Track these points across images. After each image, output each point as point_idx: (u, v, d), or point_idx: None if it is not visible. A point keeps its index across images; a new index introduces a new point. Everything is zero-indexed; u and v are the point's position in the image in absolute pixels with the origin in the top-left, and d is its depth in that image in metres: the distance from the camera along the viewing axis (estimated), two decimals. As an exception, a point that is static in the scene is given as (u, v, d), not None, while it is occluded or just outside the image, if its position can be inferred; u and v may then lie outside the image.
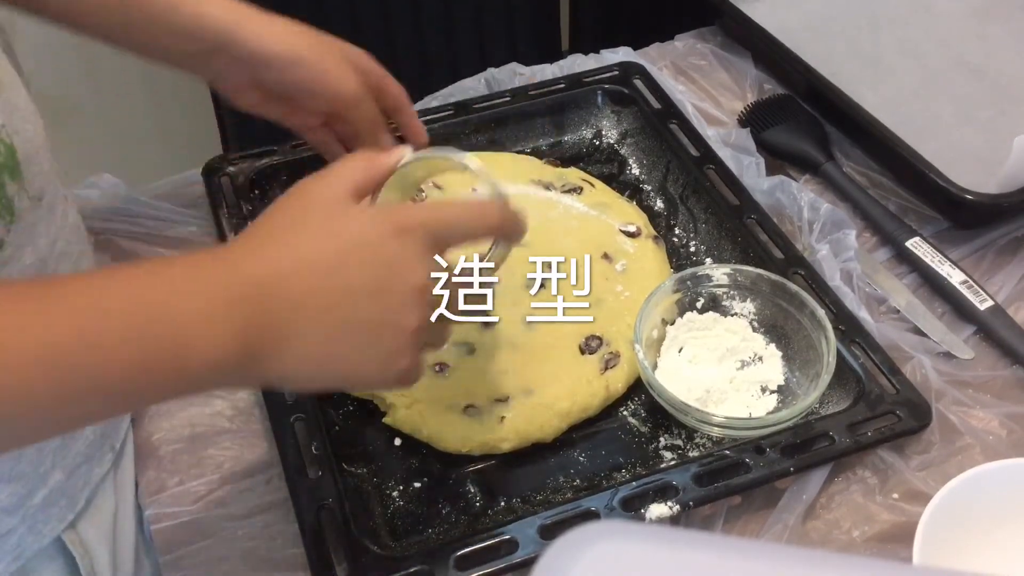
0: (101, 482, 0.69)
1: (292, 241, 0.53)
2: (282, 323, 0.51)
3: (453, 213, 0.59)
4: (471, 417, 0.72)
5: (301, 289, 0.52)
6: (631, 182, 0.93)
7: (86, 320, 0.46)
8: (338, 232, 0.54)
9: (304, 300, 0.52)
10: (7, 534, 0.63)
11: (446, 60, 1.35)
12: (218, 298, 0.50)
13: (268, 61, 0.70)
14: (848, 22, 1.06)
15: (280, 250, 0.53)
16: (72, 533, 0.67)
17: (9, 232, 0.57)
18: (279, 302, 0.51)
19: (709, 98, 1.02)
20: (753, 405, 0.74)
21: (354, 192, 0.56)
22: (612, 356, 0.75)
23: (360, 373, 0.57)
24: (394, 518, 0.69)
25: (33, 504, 0.64)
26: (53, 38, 1.44)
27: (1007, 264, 0.86)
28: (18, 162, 0.57)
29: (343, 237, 0.54)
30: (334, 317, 0.53)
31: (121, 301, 0.48)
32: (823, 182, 0.94)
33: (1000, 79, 0.99)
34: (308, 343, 0.53)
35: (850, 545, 0.68)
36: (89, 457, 0.67)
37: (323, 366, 0.54)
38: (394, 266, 0.54)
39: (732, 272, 0.78)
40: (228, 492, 0.71)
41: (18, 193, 0.57)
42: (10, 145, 0.56)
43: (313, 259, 0.53)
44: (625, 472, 0.71)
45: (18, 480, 0.62)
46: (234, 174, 0.88)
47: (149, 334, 0.48)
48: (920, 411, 0.71)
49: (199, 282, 0.50)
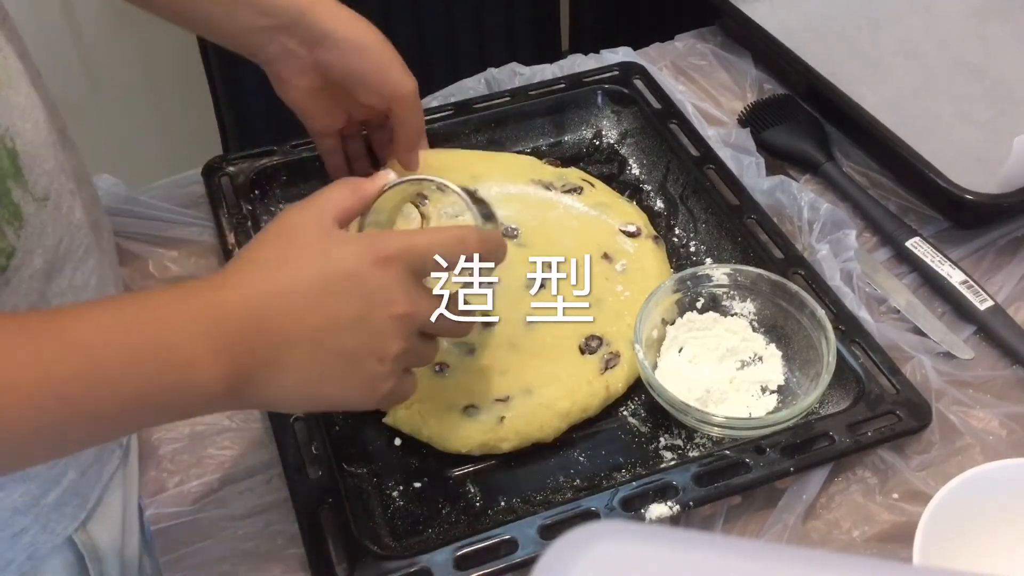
0: (110, 480, 0.69)
1: (277, 273, 0.56)
2: (268, 355, 0.54)
3: (432, 241, 0.60)
4: (471, 417, 0.72)
5: (286, 322, 0.54)
6: (631, 182, 0.93)
7: (86, 356, 0.49)
8: (322, 263, 0.56)
9: (289, 333, 0.54)
10: (20, 533, 0.63)
11: (446, 60, 1.35)
12: (208, 333, 0.52)
13: (337, 42, 0.73)
14: (848, 22, 1.06)
15: (266, 283, 0.55)
16: (83, 533, 0.67)
17: (19, 238, 0.57)
18: (265, 335, 0.54)
19: (709, 98, 1.02)
20: (753, 405, 0.74)
21: (339, 218, 0.58)
22: (612, 356, 0.75)
23: (344, 398, 0.60)
24: (394, 518, 0.69)
25: (46, 503, 0.64)
26: (53, 38, 1.44)
27: (1007, 264, 0.86)
28: (21, 166, 0.57)
29: (327, 268, 0.56)
30: (318, 348, 0.55)
31: (118, 336, 0.50)
32: (823, 182, 0.94)
33: (1000, 79, 0.99)
34: (293, 373, 0.55)
35: (850, 545, 0.68)
36: (99, 455, 0.68)
37: (308, 393, 0.58)
38: (375, 296, 0.56)
39: (732, 272, 0.78)
40: (228, 492, 0.71)
41: (23, 197, 0.57)
42: (12, 149, 0.56)
43: (297, 291, 0.55)
44: (625, 472, 0.71)
45: (32, 480, 0.62)
46: (234, 174, 0.88)
47: (145, 369, 0.50)
48: (920, 411, 0.71)
49: (189, 317, 0.53)
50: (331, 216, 0.58)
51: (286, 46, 0.75)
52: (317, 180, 0.87)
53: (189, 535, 0.69)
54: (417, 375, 0.64)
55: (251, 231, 0.84)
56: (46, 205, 0.59)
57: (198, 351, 0.52)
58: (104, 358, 0.49)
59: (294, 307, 0.55)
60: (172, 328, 0.52)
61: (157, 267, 0.85)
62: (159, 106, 1.64)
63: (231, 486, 0.72)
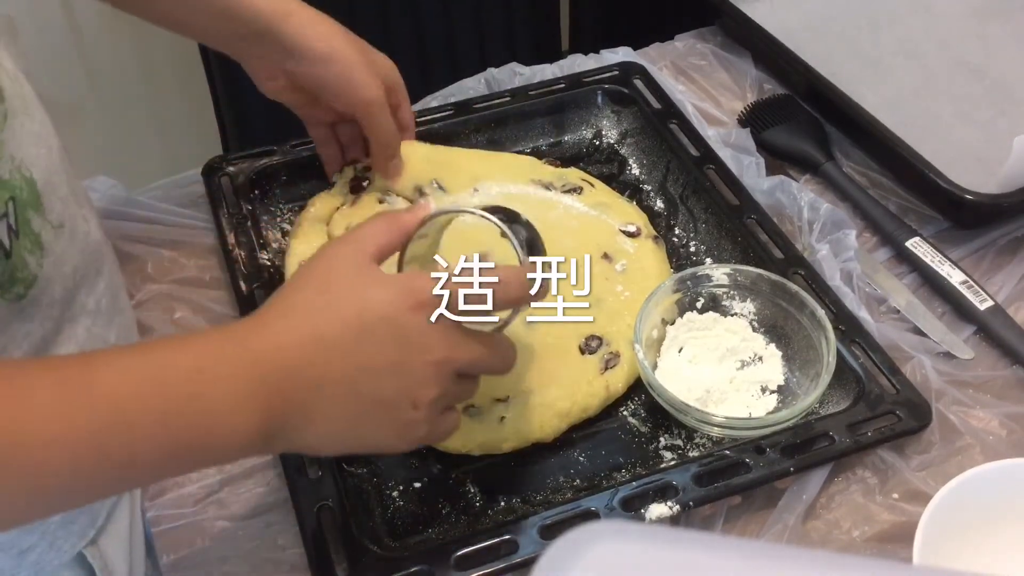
0: (119, 496, 0.70)
1: (313, 319, 0.54)
2: (303, 404, 0.54)
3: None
4: (471, 417, 0.72)
5: (321, 369, 0.54)
6: (631, 182, 0.93)
7: (123, 406, 0.49)
8: (359, 307, 0.55)
9: (324, 381, 0.54)
10: (27, 551, 0.63)
11: (446, 60, 1.35)
12: (242, 382, 0.52)
13: (303, 54, 0.75)
14: (848, 22, 1.06)
15: (301, 329, 0.54)
16: (93, 548, 0.68)
17: (42, 267, 0.57)
18: (301, 383, 0.53)
19: (709, 98, 1.02)
20: (753, 405, 0.74)
21: (377, 254, 0.58)
22: (612, 356, 0.75)
23: (378, 442, 0.59)
24: (394, 518, 0.69)
25: (54, 521, 0.64)
26: (53, 38, 1.44)
27: (1007, 264, 0.86)
28: (39, 193, 0.57)
29: (364, 313, 0.55)
30: (353, 394, 0.55)
31: (153, 386, 0.50)
32: (823, 182, 0.94)
33: (1000, 79, 0.99)
34: (329, 421, 0.55)
35: (850, 545, 0.68)
36: None
37: (341, 439, 0.57)
38: (412, 341, 0.56)
39: (732, 272, 0.78)
40: (228, 493, 0.71)
41: (43, 225, 0.57)
42: (29, 179, 0.56)
43: (333, 337, 0.54)
44: (625, 472, 0.71)
45: None
46: (234, 174, 0.88)
47: (179, 422, 0.50)
48: (920, 411, 0.71)
49: (224, 365, 0.52)
50: (369, 253, 0.57)
51: (261, 52, 0.76)
52: (317, 180, 0.87)
53: (190, 537, 0.69)
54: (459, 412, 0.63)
55: (251, 231, 0.84)
56: (63, 232, 0.59)
57: (236, 404, 0.51)
58: (142, 408, 0.49)
59: (330, 353, 0.54)
60: (208, 380, 0.51)
61: (157, 268, 0.85)
62: (159, 106, 1.64)
63: (231, 487, 0.72)
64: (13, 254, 0.54)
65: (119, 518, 0.70)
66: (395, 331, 0.55)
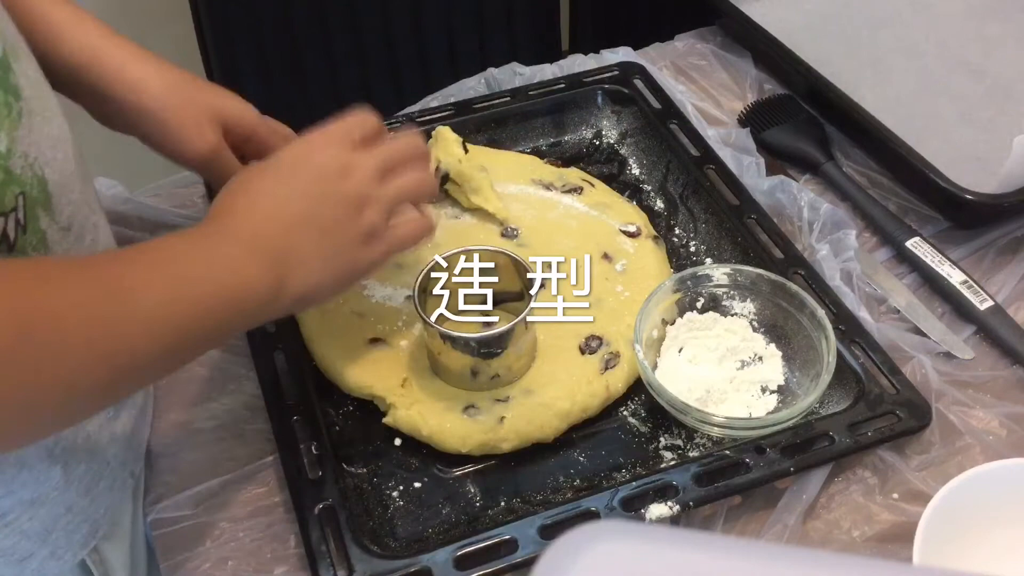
0: (121, 504, 0.70)
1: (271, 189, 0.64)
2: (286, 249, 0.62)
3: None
4: (471, 417, 0.72)
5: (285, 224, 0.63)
6: (631, 182, 0.93)
7: (180, 285, 0.57)
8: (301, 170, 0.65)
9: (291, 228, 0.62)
10: (28, 558, 0.64)
11: (446, 60, 1.35)
12: (243, 252, 0.60)
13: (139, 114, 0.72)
14: (848, 22, 1.06)
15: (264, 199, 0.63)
16: (95, 554, 0.68)
17: None
18: (277, 240, 0.62)
19: (709, 98, 1.02)
20: (753, 405, 0.74)
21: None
22: (612, 356, 0.75)
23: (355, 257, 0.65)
24: (394, 518, 0.69)
25: (56, 529, 0.64)
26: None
27: (1007, 264, 0.86)
28: (49, 194, 0.57)
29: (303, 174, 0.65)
30: (311, 227, 0.63)
31: (195, 268, 0.58)
32: (823, 182, 0.94)
33: (1000, 79, 0.98)
34: (307, 257, 0.62)
35: (850, 545, 0.68)
36: (112, 483, 0.68)
37: (324, 270, 0.63)
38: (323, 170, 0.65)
39: (732, 272, 0.78)
40: (228, 494, 0.71)
41: (50, 225, 0.58)
42: (41, 178, 0.57)
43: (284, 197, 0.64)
44: (625, 472, 0.71)
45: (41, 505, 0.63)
46: (234, 174, 0.88)
47: (219, 290, 0.58)
48: (920, 411, 0.71)
49: (227, 245, 0.60)
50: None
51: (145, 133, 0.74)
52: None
53: (190, 538, 0.69)
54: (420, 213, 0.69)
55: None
56: (69, 234, 0.60)
57: (248, 265, 0.59)
58: (193, 287, 0.57)
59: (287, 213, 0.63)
60: (225, 256, 0.60)
61: (157, 267, 0.85)
62: (159, 106, 1.64)
63: (231, 488, 0.72)
64: (17, 248, 0.55)
65: (121, 526, 0.71)
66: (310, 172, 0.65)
